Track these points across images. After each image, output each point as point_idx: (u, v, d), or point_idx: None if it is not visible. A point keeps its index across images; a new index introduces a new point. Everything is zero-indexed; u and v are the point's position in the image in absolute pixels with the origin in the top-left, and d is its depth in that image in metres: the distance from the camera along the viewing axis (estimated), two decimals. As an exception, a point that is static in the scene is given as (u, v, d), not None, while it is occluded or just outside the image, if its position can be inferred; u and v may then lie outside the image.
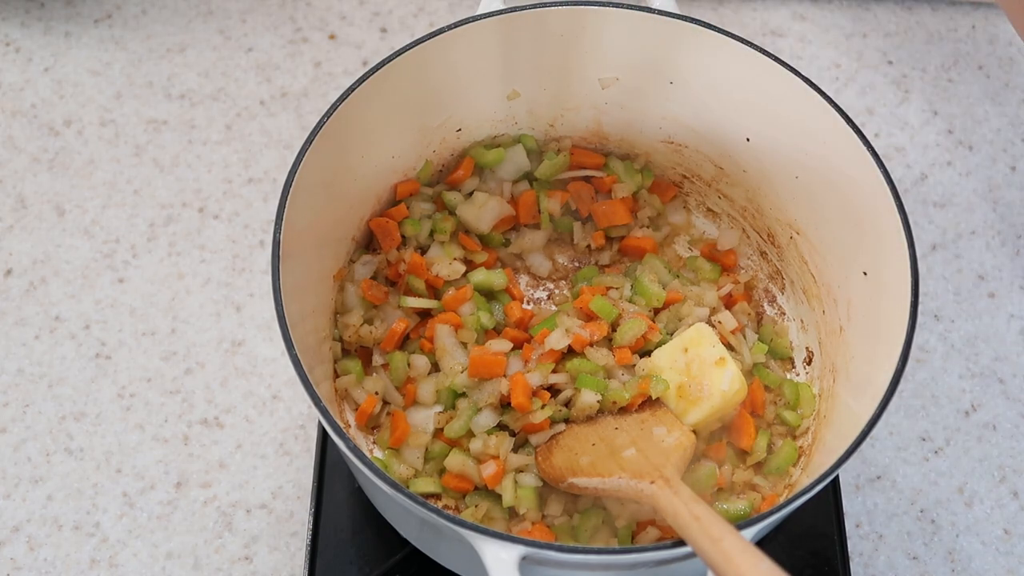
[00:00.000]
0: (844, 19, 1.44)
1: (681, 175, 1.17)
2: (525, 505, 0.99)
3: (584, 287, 1.11)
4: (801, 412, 1.06)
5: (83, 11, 1.42)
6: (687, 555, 0.83)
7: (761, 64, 1.00)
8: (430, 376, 1.06)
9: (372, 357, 1.08)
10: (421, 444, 1.03)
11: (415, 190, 1.12)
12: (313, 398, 0.85)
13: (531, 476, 1.01)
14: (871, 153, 0.96)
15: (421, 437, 1.03)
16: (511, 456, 1.01)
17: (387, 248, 1.10)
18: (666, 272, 1.13)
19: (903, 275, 0.92)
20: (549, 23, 1.03)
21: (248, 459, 1.14)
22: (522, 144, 1.13)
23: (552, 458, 1.00)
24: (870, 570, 1.10)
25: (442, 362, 1.05)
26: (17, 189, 1.29)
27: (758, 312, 1.14)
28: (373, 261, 1.09)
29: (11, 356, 1.19)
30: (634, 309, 1.08)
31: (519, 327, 1.09)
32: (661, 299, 1.09)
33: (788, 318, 1.14)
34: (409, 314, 1.09)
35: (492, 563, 0.80)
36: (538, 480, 1.01)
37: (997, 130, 1.36)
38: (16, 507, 1.11)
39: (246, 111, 1.35)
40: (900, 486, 1.15)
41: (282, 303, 0.88)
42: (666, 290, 1.10)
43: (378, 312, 1.09)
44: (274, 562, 1.09)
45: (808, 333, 1.11)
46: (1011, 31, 1.43)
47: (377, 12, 1.43)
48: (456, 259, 1.10)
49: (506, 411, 1.03)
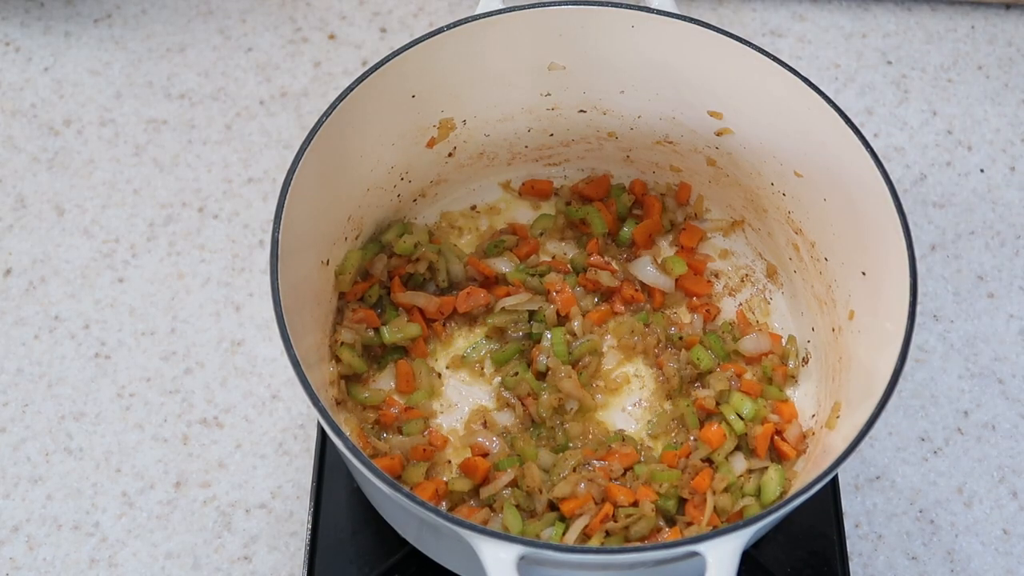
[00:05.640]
0: (844, 19, 1.44)
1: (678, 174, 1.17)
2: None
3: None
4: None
5: (83, 11, 1.42)
6: (687, 555, 0.83)
7: (761, 64, 1.00)
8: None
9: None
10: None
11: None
12: (312, 398, 0.85)
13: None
14: (870, 153, 0.96)
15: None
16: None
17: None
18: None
19: (902, 275, 0.92)
20: (548, 23, 1.03)
21: (247, 459, 1.14)
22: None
23: None
24: (869, 570, 1.10)
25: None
26: (17, 189, 1.29)
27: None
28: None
29: (11, 356, 1.19)
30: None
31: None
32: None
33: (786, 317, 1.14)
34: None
35: (491, 563, 0.80)
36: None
37: (996, 130, 1.36)
38: (15, 507, 1.11)
39: (246, 111, 1.35)
40: (899, 486, 1.15)
41: (281, 302, 0.88)
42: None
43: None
44: (273, 562, 1.09)
45: (806, 333, 1.11)
46: (1011, 31, 1.43)
47: (377, 12, 1.43)
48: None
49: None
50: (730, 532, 0.82)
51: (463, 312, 1.11)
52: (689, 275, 1.14)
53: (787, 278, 1.14)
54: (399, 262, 1.12)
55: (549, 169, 1.20)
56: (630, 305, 1.14)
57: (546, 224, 1.17)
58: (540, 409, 1.05)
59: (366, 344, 1.08)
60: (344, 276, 1.07)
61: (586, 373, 1.08)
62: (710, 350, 1.09)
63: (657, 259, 1.16)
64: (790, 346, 1.11)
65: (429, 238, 1.14)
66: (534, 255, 1.16)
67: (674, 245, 1.18)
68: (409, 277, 1.11)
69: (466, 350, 1.11)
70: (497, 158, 1.17)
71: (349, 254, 1.08)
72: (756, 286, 1.16)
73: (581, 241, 1.17)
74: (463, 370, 1.11)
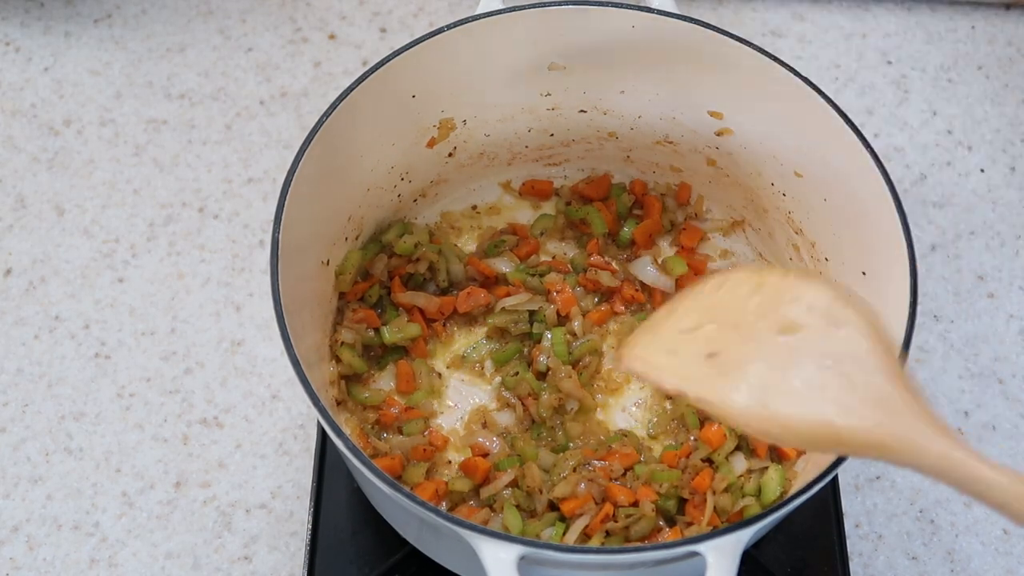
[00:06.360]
0: (844, 19, 1.44)
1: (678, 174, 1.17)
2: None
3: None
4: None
5: (83, 11, 1.42)
6: (687, 555, 0.83)
7: (761, 64, 1.00)
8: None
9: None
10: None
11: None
12: (312, 398, 0.85)
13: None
14: (871, 153, 0.96)
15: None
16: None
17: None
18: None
19: (902, 275, 0.92)
20: (548, 23, 1.03)
21: (247, 459, 1.14)
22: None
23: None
24: (869, 570, 1.10)
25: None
26: (17, 189, 1.29)
27: None
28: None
29: (11, 356, 1.19)
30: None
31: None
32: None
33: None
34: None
35: (491, 563, 0.80)
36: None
37: (996, 130, 1.36)
38: (15, 507, 1.11)
39: (246, 111, 1.35)
40: (899, 486, 1.15)
41: (281, 302, 0.88)
42: None
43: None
44: (273, 562, 1.09)
45: (807, 333, 1.11)
46: (1011, 31, 1.43)
47: (377, 12, 1.43)
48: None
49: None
50: (730, 532, 0.82)
51: (463, 312, 1.11)
52: (689, 275, 1.14)
53: (787, 278, 1.14)
54: (399, 262, 1.12)
55: (549, 169, 1.20)
56: (630, 305, 1.14)
57: (546, 224, 1.17)
58: (540, 409, 1.05)
59: (366, 344, 1.08)
60: (344, 276, 1.07)
61: (586, 373, 1.08)
62: None
63: (657, 259, 1.16)
64: None
65: (429, 238, 1.14)
66: (534, 255, 1.16)
67: (674, 245, 1.17)
68: (409, 277, 1.11)
69: (466, 350, 1.11)
70: (497, 158, 1.17)
71: (349, 254, 1.08)
72: (756, 286, 1.16)
73: (581, 241, 1.17)
74: (463, 370, 1.11)
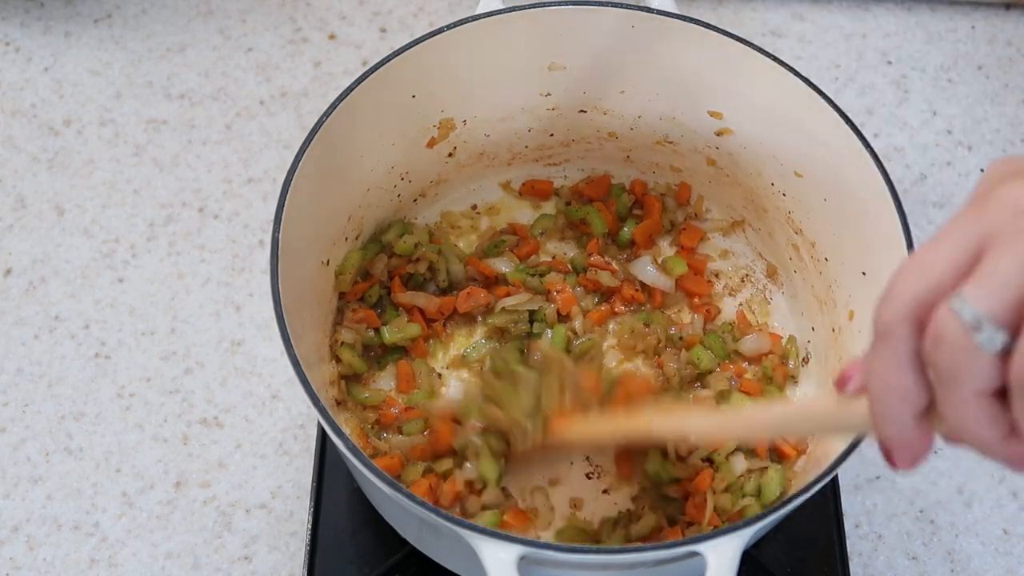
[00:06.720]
0: (844, 19, 1.44)
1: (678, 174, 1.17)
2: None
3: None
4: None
5: (83, 11, 1.42)
6: (687, 555, 0.83)
7: (761, 64, 1.00)
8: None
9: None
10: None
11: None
12: (312, 398, 0.85)
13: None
14: (870, 153, 0.96)
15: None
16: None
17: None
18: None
19: (902, 275, 0.91)
20: (548, 23, 1.03)
21: (247, 459, 1.14)
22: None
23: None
24: (869, 570, 1.10)
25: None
26: (17, 189, 1.29)
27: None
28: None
29: (10, 356, 1.19)
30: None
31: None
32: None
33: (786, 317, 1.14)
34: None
35: (491, 563, 0.80)
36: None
37: (996, 130, 1.36)
38: (15, 507, 1.11)
39: (246, 111, 1.35)
40: (899, 486, 1.15)
41: (281, 302, 0.88)
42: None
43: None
44: (273, 562, 1.09)
45: (806, 333, 1.11)
46: (1011, 31, 1.43)
47: (377, 12, 1.43)
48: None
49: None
50: (730, 532, 0.82)
51: (463, 312, 1.11)
52: (689, 275, 1.14)
53: (787, 278, 1.14)
54: (399, 262, 1.12)
55: (549, 169, 1.20)
56: (630, 305, 1.14)
57: (546, 224, 1.17)
58: None
59: (366, 344, 1.08)
60: (344, 276, 1.07)
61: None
62: (710, 350, 1.09)
63: (657, 259, 1.16)
64: (790, 346, 1.11)
65: (429, 238, 1.14)
66: (534, 255, 1.16)
67: (674, 245, 1.18)
68: (409, 277, 1.11)
69: (466, 350, 1.11)
70: (497, 158, 1.17)
71: (349, 254, 1.08)
72: (756, 286, 1.16)
73: (581, 241, 1.17)
74: (463, 370, 1.11)
